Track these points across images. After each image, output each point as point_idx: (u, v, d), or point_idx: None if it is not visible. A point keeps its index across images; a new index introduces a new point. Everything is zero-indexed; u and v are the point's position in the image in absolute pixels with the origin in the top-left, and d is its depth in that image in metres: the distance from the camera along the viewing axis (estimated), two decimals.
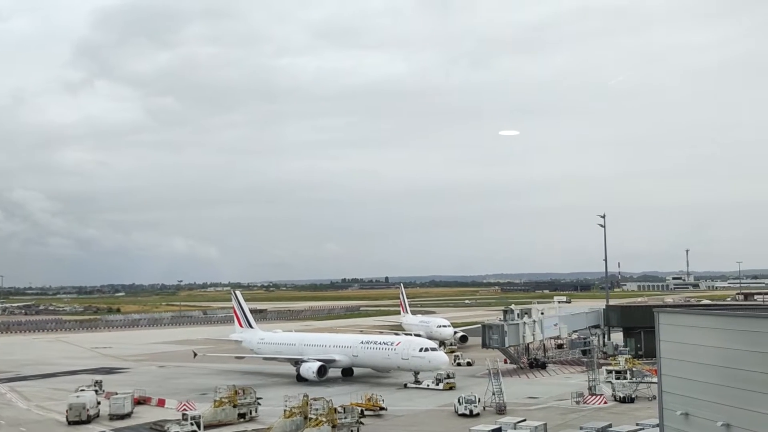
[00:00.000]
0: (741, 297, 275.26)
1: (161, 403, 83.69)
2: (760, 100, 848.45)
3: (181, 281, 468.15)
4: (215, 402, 73.81)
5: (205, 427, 68.99)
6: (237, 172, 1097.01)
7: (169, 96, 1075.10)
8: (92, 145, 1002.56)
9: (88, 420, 74.04)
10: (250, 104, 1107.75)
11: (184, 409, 74.92)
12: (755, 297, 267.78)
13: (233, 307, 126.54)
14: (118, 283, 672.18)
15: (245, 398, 74.60)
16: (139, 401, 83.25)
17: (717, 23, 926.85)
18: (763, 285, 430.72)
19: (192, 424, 67.60)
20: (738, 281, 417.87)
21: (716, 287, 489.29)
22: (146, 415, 77.76)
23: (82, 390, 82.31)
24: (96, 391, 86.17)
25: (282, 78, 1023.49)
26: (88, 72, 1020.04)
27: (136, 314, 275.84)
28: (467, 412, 72.88)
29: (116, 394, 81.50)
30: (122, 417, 76.08)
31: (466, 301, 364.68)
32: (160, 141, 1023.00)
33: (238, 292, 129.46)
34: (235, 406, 73.36)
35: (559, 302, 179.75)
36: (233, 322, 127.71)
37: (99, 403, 78.20)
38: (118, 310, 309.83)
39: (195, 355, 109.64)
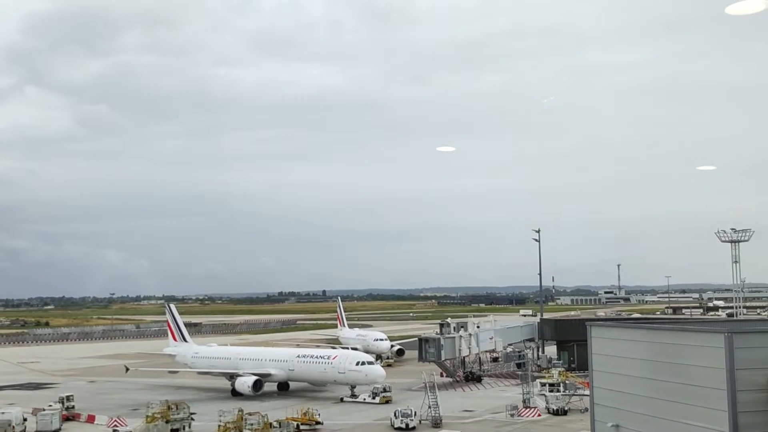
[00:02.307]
0: (670, 311, 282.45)
1: (91, 419, 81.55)
2: (684, 120, 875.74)
3: (113, 294, 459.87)
4: (147, 417, 72.37)
5: None
6: (172, 183, 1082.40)
7: (102, 104, 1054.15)
8: (21, 153, 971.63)
9: None
10: (186, 114, 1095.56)
11: (115, 425, 73.36)
12: (683, 311, 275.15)
13: (167, 321, 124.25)
14: (47, 296, 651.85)
15: (178, 413, 73.36)
16: (68, 417, 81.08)
17: (645, 45, 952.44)
18: (691, 299, 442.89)
19: None
20: (667, 295, 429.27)
21: (646, 301, 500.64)
22: (75, 431, 75.74)
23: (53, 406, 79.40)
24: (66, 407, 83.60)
25: (219, 88, 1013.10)
26: (18, 78, 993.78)
27: (65, 328, 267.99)
28: (403, 426, 72.97)
29: (43, 410, 79.09)
30: None
31: (411, 314, 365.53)
32: (93, 150, 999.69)
33: (172, 306, 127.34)
34: (167, 422, 72.01)
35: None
36: (167, 335, 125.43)
37: (26, 419, 75.78)
38: (47, 324, 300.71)
39: (127, 369, 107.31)
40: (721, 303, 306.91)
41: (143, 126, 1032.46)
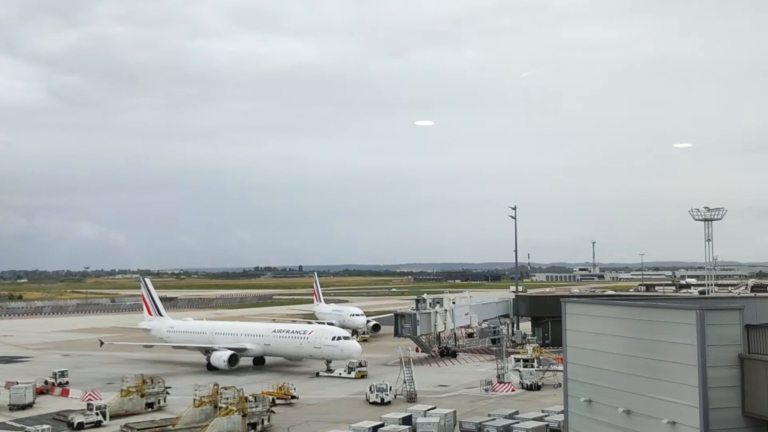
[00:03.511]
0: (643, 288, 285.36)
1: (65, 393, 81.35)
2: (662, 99, 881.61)
3: (87, 268, 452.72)
4: (122, 391, 72.24)
5: (112, 417, 67.46)
6: (147, 157, 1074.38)
7: (76, 76, 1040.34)
8: None
9: None
10: (163, 87, 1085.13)
11: (90, 399, 72.99)
12: (656, 288, 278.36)
13: (142, 295, 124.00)
14: (21, 269, 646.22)
15: (153, 387, 73.31)
16: (42, 391, 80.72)
17: (625, 23, 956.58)
18: (664, 276, 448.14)
19: (97, 414, 66.13)
20: (640, 273, 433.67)
21: (620, 278, 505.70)
22: (49, 405, 75.49)
23: None
24: (54, 383, 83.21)
25: (196, 61, 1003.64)
26: None
27: (39, 301, 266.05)
28: (378, 400, 73.46)
29: (16, 383, 78.60)
30: (23, 407, 73.61)
31: (393, 289, 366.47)
32: (68, 122, 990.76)
33: (147, 280, 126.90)
34: (142, 396, 72.00)
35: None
36: (142, 310, 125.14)
37: None
38: (20, 297, 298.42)
39: (102, 343, 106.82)
40: (693, 280, 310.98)
41: (118, 98, 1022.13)
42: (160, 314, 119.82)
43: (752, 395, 33.02)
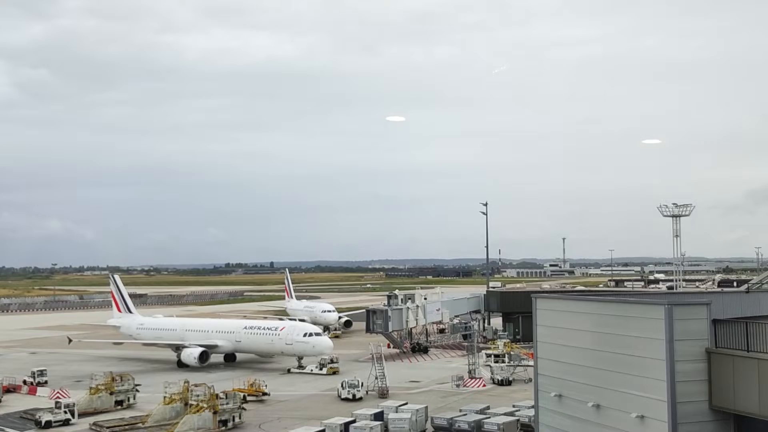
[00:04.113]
0: (612, 283, 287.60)
1: (32, 391, 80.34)
2: (631, 95, 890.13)
3: (55, 264, 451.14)
4: (91, 389, 71.57)
5: (80, 415, 66.76)
6: (117, 153, 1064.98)
7: (43, 69, 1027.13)
8: None
9: None
10: (132, 82, 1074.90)
11: (58, 397, 72.18)
12: (625, 283, 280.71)
13: (111, 292, 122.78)
14: None
15: (123, 385, 72.72)
16: (9, 389, 79.66)
17: (594, 21, 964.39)
18: (633, 272, 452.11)
19: (65, 412, 65.35)
20: (610, 268, 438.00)
21: (590, 274, 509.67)
22: (16, 403, 74.55)
23: None
24: (32, 382, 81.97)
25: (166, 55, 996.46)
26: None
27: (5, 299, 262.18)
28: (350, 397, 73.44)
29: None
30: None
31: (368, 285, 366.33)
32: (34, 117, 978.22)
33: (116, 277, 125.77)
34: (112, 393, 71.40)
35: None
36: (111, 307, 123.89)
37: None
38: None
39: (70, 340, 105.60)
40: (661, 276, 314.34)
41: (86, 93, 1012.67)
42: (130, 311, 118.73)
43: (719, 389, 33.47)
